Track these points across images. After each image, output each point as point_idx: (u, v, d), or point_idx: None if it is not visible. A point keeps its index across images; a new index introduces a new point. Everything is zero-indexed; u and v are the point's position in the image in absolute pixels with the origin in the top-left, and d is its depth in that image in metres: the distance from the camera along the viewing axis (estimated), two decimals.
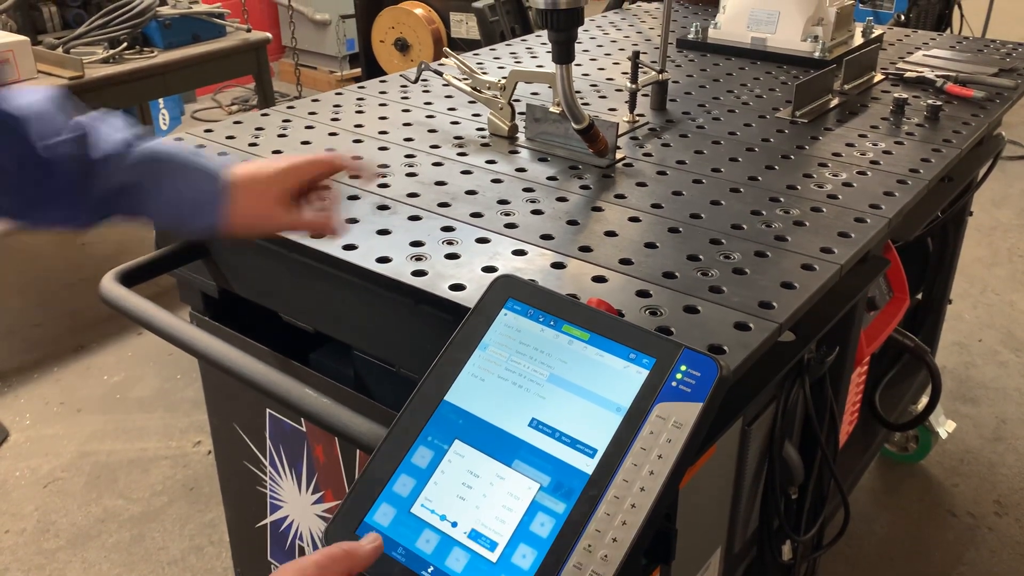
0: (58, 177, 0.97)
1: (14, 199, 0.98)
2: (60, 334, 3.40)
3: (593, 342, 0.86)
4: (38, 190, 0.98)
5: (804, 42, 2.12)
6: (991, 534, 2.44)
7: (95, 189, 1.00)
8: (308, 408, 1.07)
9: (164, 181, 1.03)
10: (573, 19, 1.29)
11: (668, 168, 1.52)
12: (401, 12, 4.59)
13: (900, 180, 1.47)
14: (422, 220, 1.30)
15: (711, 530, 1.37)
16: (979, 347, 3.29)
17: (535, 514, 0.78)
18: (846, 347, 1.54)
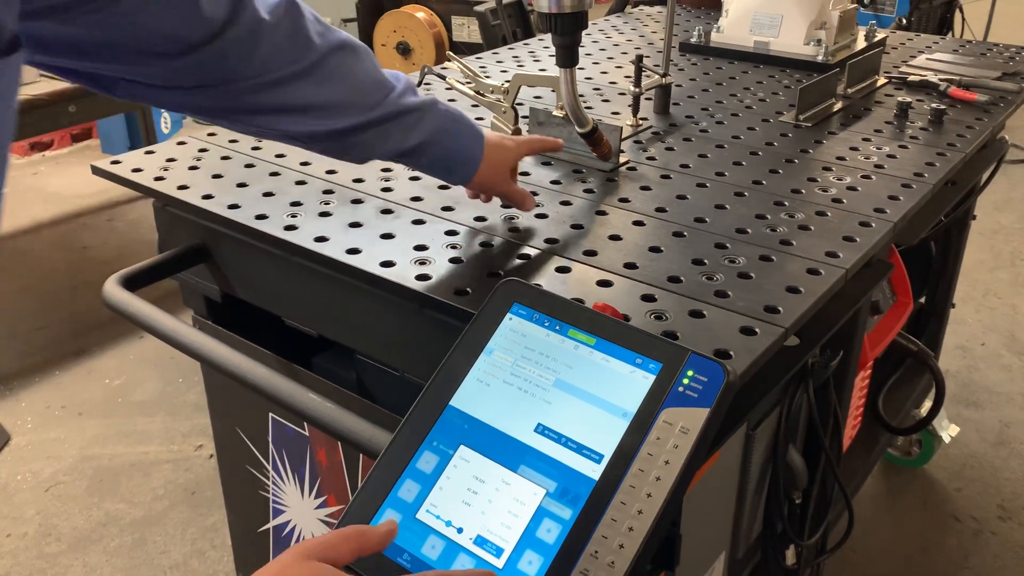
0: (390, 124, 1.12)
1: (345, 144, 1.12)
2: (62, 337, 3.39)
3: (599, 347, 0.86)
4: (369, 136, 1.11)
5: (807, 46, 2.12)
6: (994, 538, 2.43)
7: (405, 139, 1.14)
8: (312, 412, 1.07)
9: (448, 137, 1.19)
10: (577, 23, 1.29)
11: (672, 172, 1.51)
12: (403, 16, 4.59)
13: (905, 184, 1.47)
14: (426, 224, 1.30)
15: (715, 535, 1.37)
16: (982, 351, 3.29)
17: (541, 520, 0.78)
18: (850, 351, 1.54)
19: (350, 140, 1.10)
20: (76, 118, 3.02)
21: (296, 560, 0.69)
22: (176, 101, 0.99)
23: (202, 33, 0.91)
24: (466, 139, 1.21)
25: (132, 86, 0.95)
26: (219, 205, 1.34)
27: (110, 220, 4.36)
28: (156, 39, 0.89)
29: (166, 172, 1.46)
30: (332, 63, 1.05)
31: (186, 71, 0.94)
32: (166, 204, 1.45)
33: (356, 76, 1.08)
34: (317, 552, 0.70)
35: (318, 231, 1.26)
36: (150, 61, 0.91)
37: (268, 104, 1.02)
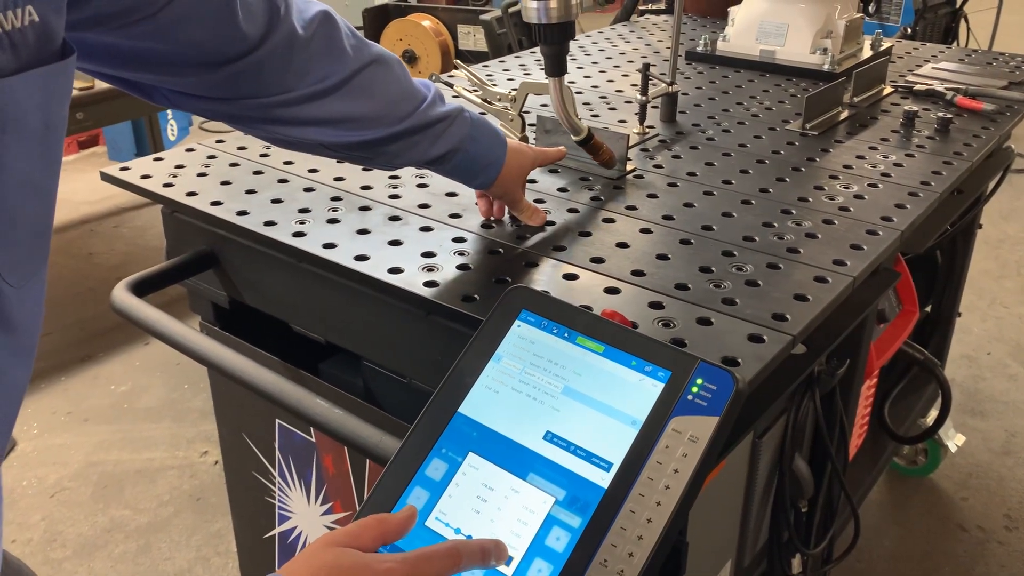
0: (419, 135, 1.14)
1: (374, 153, 1.15)
2: (67, 344, 3.40)
3: (608, 354, 0.86)
4: (398, 146, 1.14)
5: (813, 55, 2.12)
6: (1001, 548, 2.43)
7: (432, 147, 1.17)
8: (320, 418, 1.07)
9: (472, 143, 1.20)
10: (564, 33, 1.30)
11: (679, 180, 1.52)
12: (409, 24, 4.61)
13: (912, 192, 1.47)
14: (433, 231, 1.30)
15: (721, 544, 1.37)
16: (988, 360, 3.28)
17: (550, 528, 0.78)
18: (856, 360, 1.54)
19: (379, 150, 1.13)
20: (83, 125, 3.03)
21: (321, 548, 0.70)
22: (211, 109, 1.01)
23: (239, 48, 0.93)
24: (489, 143, 1.23)
25: (170, 94, 0.97)
26: (228, 211, 1.34)
27: (116, 227, 4.37)
28: (194, 53, 0.91)
29: (175, 179, 1.47)
30: (366, 77, 1.07)
31: (222, 83, 0.96)
32: (175, 210, 1.46)
33: (388, 89, 1.10)
34: (341, 541, 0.71)
35: (326, 237, 1.26)
36: (187, 72, 0.93)
37: (301, 116, 1.04)
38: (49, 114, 0.65)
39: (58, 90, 0.65)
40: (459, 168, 1.23)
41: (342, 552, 0.70)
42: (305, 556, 0.70)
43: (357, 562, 0.69)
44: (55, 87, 0.65)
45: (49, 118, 0.65)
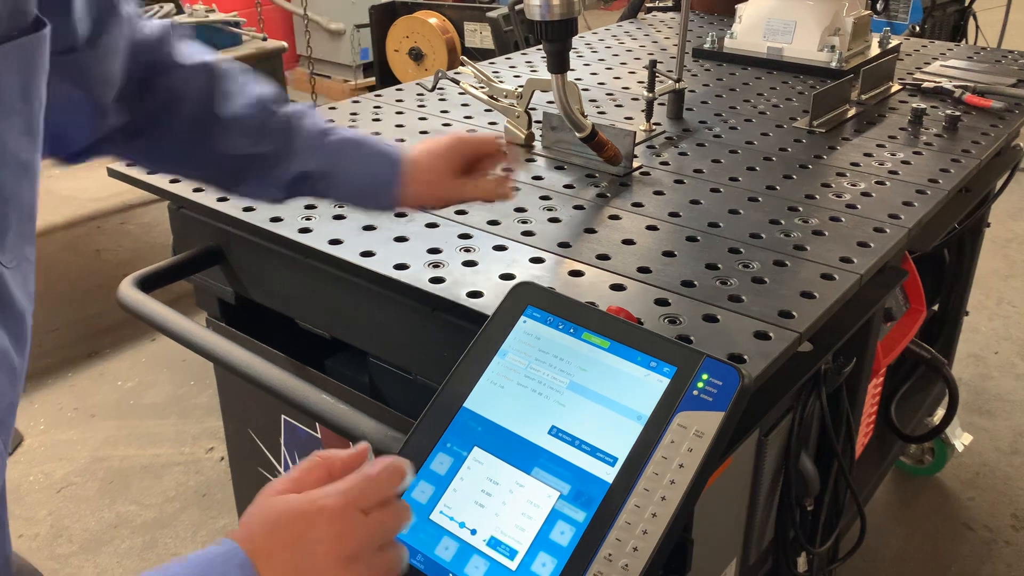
0: (267, 156, 1.09)
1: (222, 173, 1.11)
2: (74, 340, 3.41)
3: (613, 350, 0.86)
4: (249, 164, 1.09)
5: (821, 52, 2.11)
6: (1008, 548, 2.42)
7: (295, 169, 1.10)
8: (325, 414, 1.07)
9: (352, 165, 1.12)
10: (566, 30, 1.30)
11: (685, 177, 1.51)
12: (415, 22, 4.61)
13: (919, 190, 1.46)
14: (439, 227, 1.30)
15: (727, 541, 1.36)
16: (995, 359, 3.27)
17: (555, 522, 0.78)
18: (863, 358, 1.53)
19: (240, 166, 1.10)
20: None
21: (266, 499, 0.69)
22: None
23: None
24: (371, 164, 1.13)
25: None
26: (234, 207, 1.35)
27: (123, 223, 4.38)
28: None
29: None
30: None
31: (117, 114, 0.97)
32: (181, 206, 1.46)
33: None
34: (285, 488, 0.70)
35: (332, 234, 1.26)
36: None
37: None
38: (28, 88, 0.65)
39: (34, 63, 0.66)
40: (342, 194, 1.14)
41: (285, 499, 0.69)
42: (252, 512, 0.69)
43: (303, 503, 0.68)
44: (32, 60, 0.65)
45: (28, 92, 0.65)
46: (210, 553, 0.67)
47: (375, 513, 0.68)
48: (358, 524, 0.67)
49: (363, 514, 0.68)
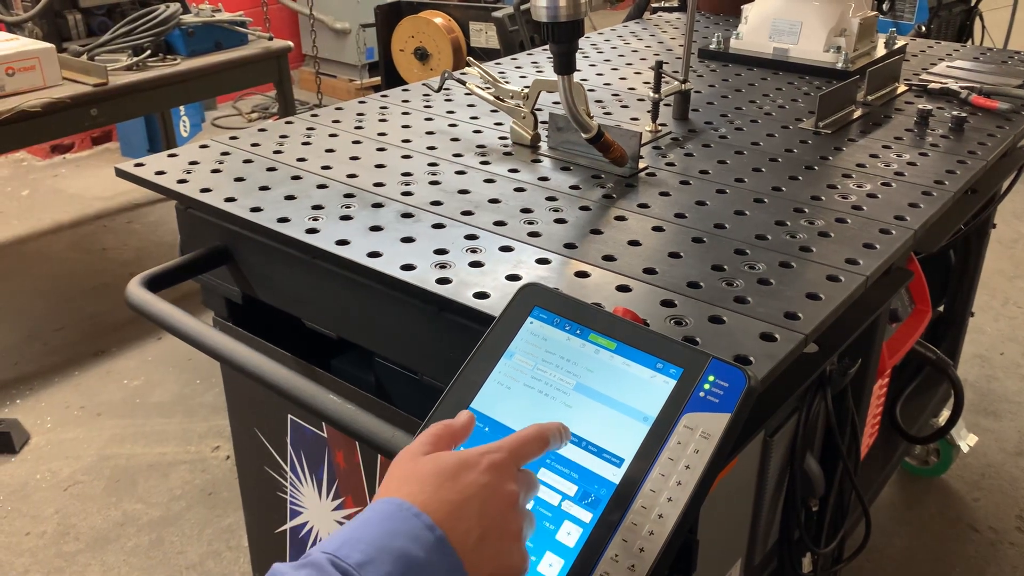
0: None
1: None
2: (81, 338, 3.42)
3: (620, 351, 0.86)
4: None
5: (826, 53, 2.11)
6: (1013, 549, 2.42)
7: None
8: (332, 413, 1.08)
9: None
10: (573, 31, 1.31)
11: (691, 178, 1.52)
12: (421, 21, 4.61)
13: (925, 192, 1.46)
14: (446, 228, 1.31)
15: (731, 542, 1.37)
16: (1001, 360, 3.26)
17: (561, 523, 0.78)
18: (868, 359, 1.53)
19: None
20: (97, 121, 3.04)
21: (410, 461, 0.74)
22: None
23: None
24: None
25: None
26: (241, 208, 1.35)
27: (129, 222, 4.40)
28: None
29: (189, 175, 1.48)
30: None
31: None
32: (189, 206, 1.46)
33: None
34: (425, 451, 0.75)
35: (339, 234, 1.27)
36: None
37: None
38: None
39: None
40: None
41: (436, 456, 0.74)
42: (399, 475, 0.73)
43: (460, 460, 0.73)
44: None
45: None
46: (381, 511, 0.70)
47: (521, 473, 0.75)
48: (518, 476, 0.74)
49: (518, 469, 0.75)
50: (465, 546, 0.69)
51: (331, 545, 0.67)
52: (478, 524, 0.71)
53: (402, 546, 0.67)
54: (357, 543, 0.67)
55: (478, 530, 0.70)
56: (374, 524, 0.69)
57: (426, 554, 0.67)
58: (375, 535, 0.68)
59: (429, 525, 0.69)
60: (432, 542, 0.68)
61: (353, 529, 0.69)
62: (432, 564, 0.68)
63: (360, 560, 0.66)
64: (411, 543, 0.68)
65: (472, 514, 0.71)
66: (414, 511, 0.69)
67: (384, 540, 0.67)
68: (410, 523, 0.69)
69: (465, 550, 0.69)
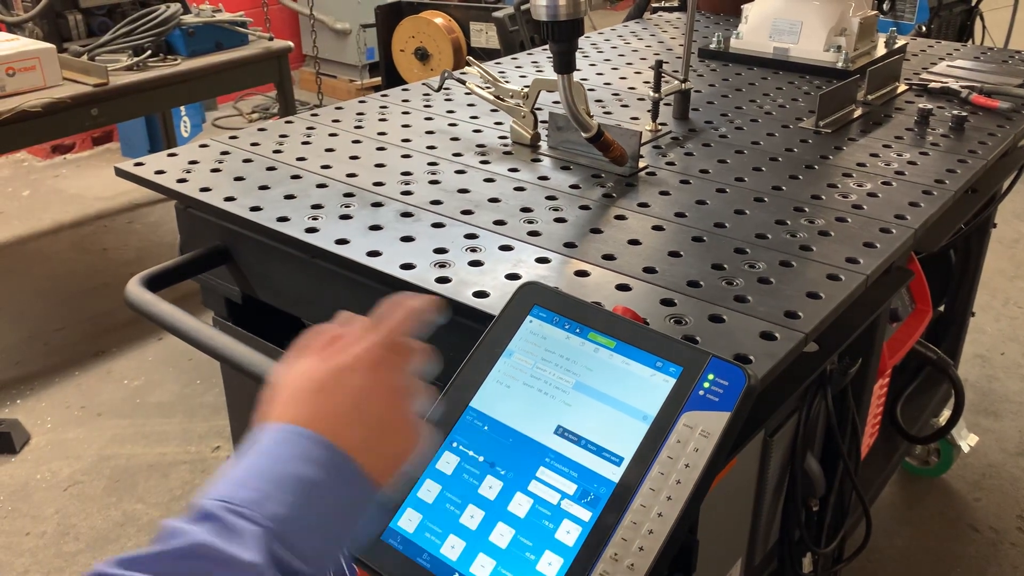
0: None
1: None
2: (81, 339, 3.42)
3: (619, 350, 0.86)
4: None
5: (827, 52, 2.11)
6: (1014, 549, 2.41)
7: None
8: None
9: None
10: (573, 30, 1.30)
11: (691, 177, 1.51)
12: (421, 22, 4.61)
13: (925, 191, 1.46)
14: (445, 227, 1.31)
15: (732, 541, 1.37)
16: (1001, 360, 3.26)
17: (561, 521, 0.78)
18: (869, 359, 1.53)
19: None
20: (98, 121, 3.04)
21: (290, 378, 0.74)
22: None
23: None
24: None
25: None
26: (241, 207, 1.35)
27: (130, 222, 4.40)
28: None
29: (188, 174, 1.48)
30: None
31: None
32: (188, 206, 1.46)
33: None
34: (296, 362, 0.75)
35: (339, 233, 1.27)
36: None
37: None
38: None
39: None
40: None
41: (309, 368, 0.73)
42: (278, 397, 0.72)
43: (334, 367, 0.72)
44: None
45: None
46: (266, 441, 0.67)
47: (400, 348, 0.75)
48: (397, 359, 0.74)
49: (393, 353, 0.74)
50: (360, 451, 0.68)
51: (222, 490, 0.64)
52: (365, 425, 0.69)
53: (295, 471, 0.65)
54: (247, 481, 0.64)
55: (366, 431, 0.69)
56: (261, 456, 0.66)
57: (323, 472, 0.65)
58: (264, 467, 0.65)
59: (319, 442, 0.66)
60: (326, 458, 0.66)
61: (240, 468, 0.66)
62: (331, 479, 0.66)
63: (255, 497, 0.63)
64: (304, 465, 0.65)
65: (358, 418, 0.69)
66: (299, 431, 0.67)
67: (275, 470, 0.65)
68: (299, 445, 0.66)
69: (361, 455, 0.68)
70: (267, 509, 0.62)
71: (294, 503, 0.63)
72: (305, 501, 0.64)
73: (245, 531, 0.61)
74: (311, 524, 0.64)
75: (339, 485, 0.66)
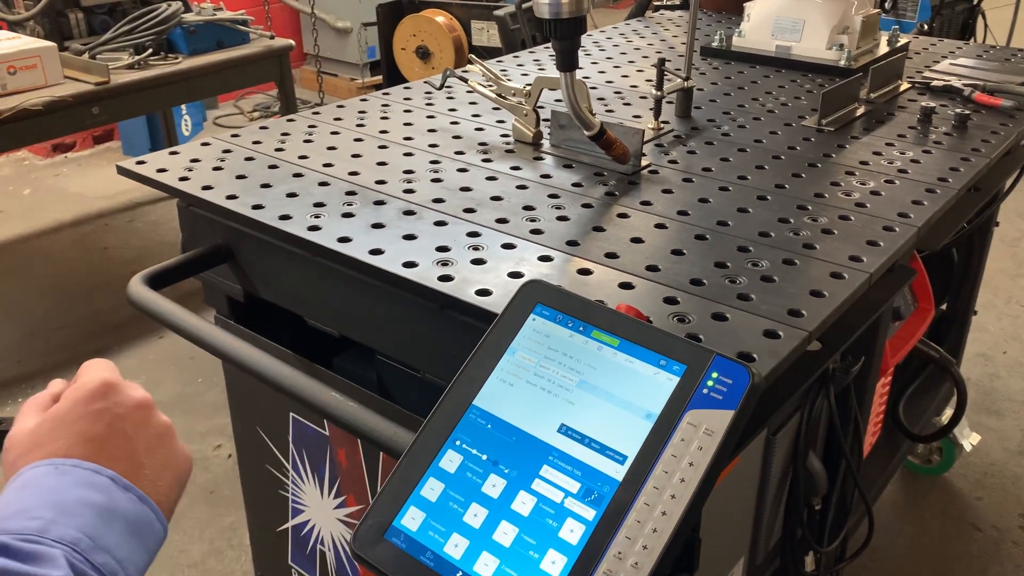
0: None
1: None
2: (82, 337, 3.42)
3: (623, 348, 0.86)
4: None
5: (829, 50, 2.11)
6: (1016, 548, 2.41)
7: None
8: (335, 412, 1.07)
9: None
10: (576, 28, 1.30)
11: (694, 175, 1.51)
12: (422, 20, 4.61)
13: (929, 189, 1.46)
14: (448, 225, 1.30)
15: (734, 540, 1.36)
16: (1004, 359, 3.26)
17: (564, 520, 0.78)
18: (871, 357, 1.53)
19: None
20: (99, 120, 3.05)
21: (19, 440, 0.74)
22: None
23: None
24: None
25: None
26: (243, 205, 1.35)
27: (131, 221, 4.40)
28: None
29: (190, 172, 1.47)
30: None
31: None
32: (190, 204, 1.46)
33: None
34: (32, 417, 0.76)
35: (341, 232, 1.27)
36: None
37: None
38: None
39: None
40: None
41: (49, 413, 0.74)
42: (26, 446, 0.72)
43: (70, 401, 0.74)
44: None
45: None
46: (34, 477, 0.68)
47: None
48: (114, 388, 0.76)
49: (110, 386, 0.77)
50: (130, 472, 0.69)
51: (3, 527, 0.63)
52: (127, 443, 0.71)
53: (79, 495, 0.65)
54: (27, 512, 0.64)
55: (130, 449, 0.71)
56: (35, 490, 0.66)
57: (106, 495, 0.66)
58: (44, 499, 0.65)
59: (93, 468, 0.67)
60: (104, 482, 0.67)
61: (11, 503, 0.65)
62: (116, 501, 0.67)
63: (40, 526, 0.63)
64: (86, 490, 0.66)
65: (115, 439, 0.70)
66: (71, 462, 0.67)
67: (56, 498, 0.65)
68: (73, 474, 0.67)
69: (133, 475, 0.69)
70: (56, 531, 0.63)
71: (80, 524, 0.64)
72: (92, 521, 0.64)
73: (44, 554, 0.61)
74: (106, 544, 0.65)
75: (125, 507, 0.67)
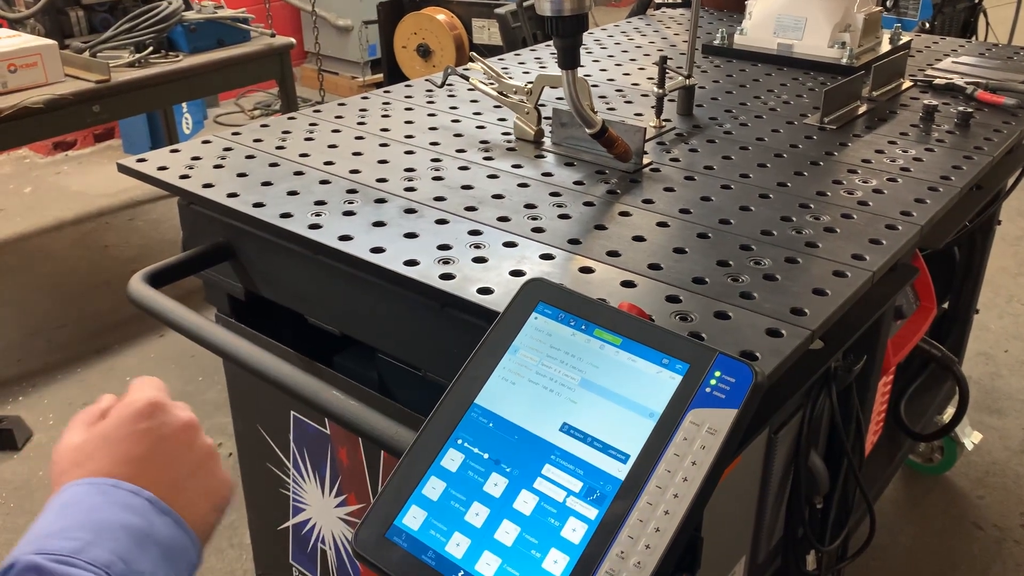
0: None
1: None
2: (83, 335, 3.42)
3: (625, 347, 0.85)
4: None
5: (831, 48, 2.10)
6: (1017, 547, 2.41)
7: None
8: (336, 410, 1.07)
9: None
10: (578, 25, 1.30)
11: (696, 173, 1.51)
12: (423, 18, 4.60)
13: (931, 187, 1.45)
14: (449, 224, 1.30)
15: (736, 539, 1.36)
16: (1005, 358, 3.25)
17: (566, 519, 0.78)
18: (873, 356, 1.52)
19: None
20: (100, 118, 3.04)
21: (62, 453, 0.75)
22: None
23: None
24: None
25: None
26: (244, 203, 1.35)
27: (132, 219, 4.39)
28: None
29: (191, 170, 1.47)
30: None
31: None
32: (191, 202, 1.46)
33: None
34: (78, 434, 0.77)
35: (342, 230, 1.26)
36: None
37: None
38: None
39: None
40: None
41: (94, 429, 0.75)
42: (69, 462, 0.73)
43: (116, 419, 0.75)
44: None
45: None
46: (76, 495, 0.68)
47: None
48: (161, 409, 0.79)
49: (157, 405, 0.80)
50: (170, 495, 0.69)
51: (36, 545, 0.63)
52: (168, 466, 0.71)
53: (117, 517, 0.65)
54: (65, 532, 0.64)
55: (171, 471, 0.70)
56: (74, 510, 0.66)
57: (143, 518, 0.66)
58: (83, 519, 0.65)
59: (132, 490, 0.67)
60: (142, 504, 0.67)
61: (52, 522, 0.65)
62: (153, 525, 0.66)
63: (76, 547, 0.62)
64: (124, 512, 0.65)
65: (157, 461, 0.70)
66: (111, 483, 0.67)
67: (95, 518, 0.64)
68: (113, 495, 0.66)
69: (171, 499, 0.69)
70: (91, 553, 0.62)
71: (116, 548, 0.63)
72: (127, 544, 0.64)
73: None
74: (140, 568, 0.64)
75: (161, 530, 0.67)
